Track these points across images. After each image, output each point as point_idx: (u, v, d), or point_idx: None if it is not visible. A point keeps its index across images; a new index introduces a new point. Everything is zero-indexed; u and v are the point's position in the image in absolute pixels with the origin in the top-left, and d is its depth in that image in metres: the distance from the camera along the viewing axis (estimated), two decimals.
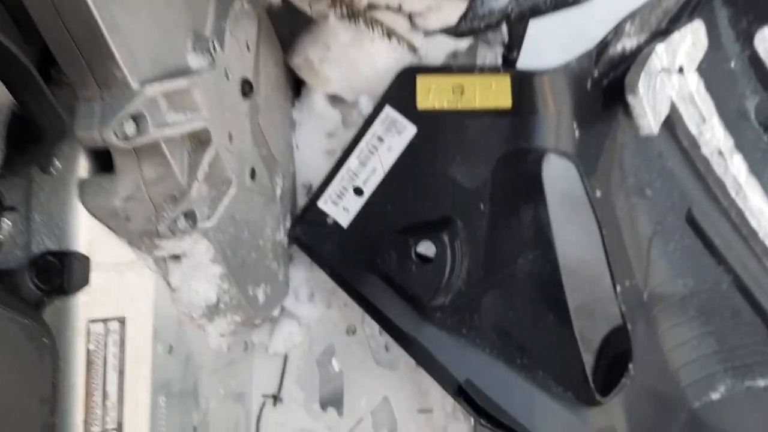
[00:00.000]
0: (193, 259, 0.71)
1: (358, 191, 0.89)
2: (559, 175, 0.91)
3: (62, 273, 0.61)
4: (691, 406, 0.98)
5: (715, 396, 0.99)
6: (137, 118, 0.57)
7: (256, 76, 0.78)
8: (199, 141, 0.65)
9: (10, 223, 0.62)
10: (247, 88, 0.73)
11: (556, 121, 0.86)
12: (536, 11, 0.73)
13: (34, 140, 0.53)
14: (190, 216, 0.67)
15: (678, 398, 0.98)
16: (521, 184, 0.85)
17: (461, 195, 0.86)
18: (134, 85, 0.56)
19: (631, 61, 0.92)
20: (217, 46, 0.66)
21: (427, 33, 0.80)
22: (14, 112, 0.53)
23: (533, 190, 0.84)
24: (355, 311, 0.92)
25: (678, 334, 0.99)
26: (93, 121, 0.56)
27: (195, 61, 0.64)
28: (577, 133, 0.87)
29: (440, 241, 0.83)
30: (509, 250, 0.85)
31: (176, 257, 0.71)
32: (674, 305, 0.99)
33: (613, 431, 0.86)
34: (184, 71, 0.62)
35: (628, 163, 0.96)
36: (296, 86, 0.95)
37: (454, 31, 0.76)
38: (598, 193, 0.91)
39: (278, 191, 0.88)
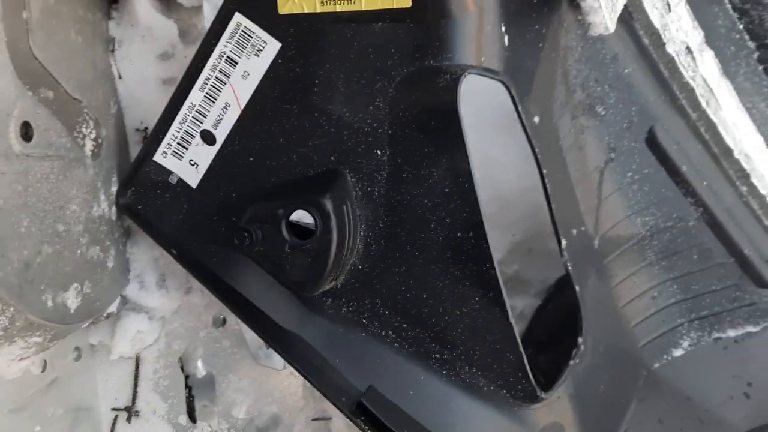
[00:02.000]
0: None
1: (208, 137, 0.64)
2: (479, 89, 0.67)
3: None
4: (649, 367, 0.82)
5: (677, 353, 0.82)
6: None
7: None
8: None
9: None
10: None
11: (477, 26, 0.60)
12: None
13: None
14: None
15: (634, 361, 0.81)
16: (431, 117, 0.60)
17: (349, 137, 0.61)
18: None
19: None
20: None
21: None
22: None
23: (448, 125, 0.59)
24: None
25: (634, 285, 0.80)
26: None
27: None
28: (506, 40, 0.62)
29: (321, 207, 0.59)
30: (419, 210, 0.61)
31: None
32: (630, 251, 0.80)
33: (559, 427, 0.68)
34: None
35: (573, 74, 0.72)
36: None
37: None
38: (536, 119, 0.68)
39: (88, 146, 0.61)
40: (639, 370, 0.81)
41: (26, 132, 0.52)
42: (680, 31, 0.78)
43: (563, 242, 0.70)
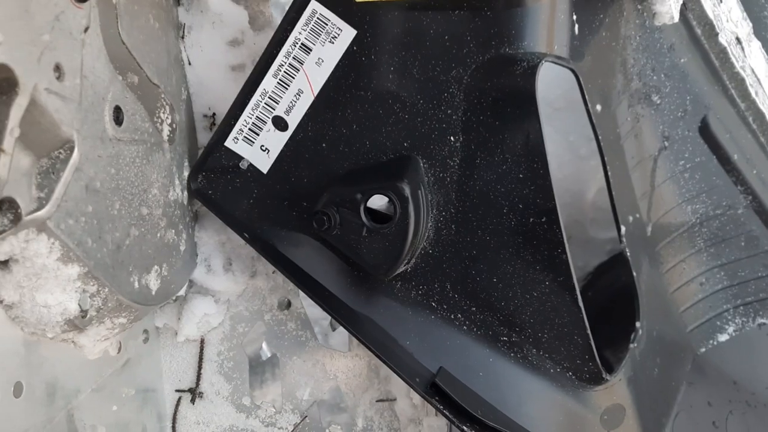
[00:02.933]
0: (30, 264, 0.46)
1: (280, 123, 0.64)
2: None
3: None
4: (696, 351, 0.83)
5: (722, 338, 0.84)
6: None
7: None
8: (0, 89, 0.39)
9: None
10: None
11: (550, 14, 0.61)
12: None
13: None
14: (7, 205, 0.41)
15: (683, 346, 0.82)
16: (507, 103, 0.61)
17: (422, 124, 0.62)
18: None
19: None
20: None
21: None
22: None
23: (524, 111, 0.60)
24: (288, 282, 0.70)
25: (683, 271, 0.82)
26: None
27: None
28: (576, 29, 0.64)
29: (399, 192, 0.60)
30: (492, 195, 0.62)
31: (2, 264, 0.46)
32: (681, 238, 0.81)
33: (620, 409, 0.70)
34: None
35: (632, 63, 0.74)
36: None
37: None
38: (598, 107, 0.69)
39: (165, 131, 0.62)
40: (687, 354, 0.82)
41: (117, 116, 0.53)
42: (730, 21, 0.80)
43: (622, 229, 0.71)
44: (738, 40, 0.81)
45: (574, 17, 0.62)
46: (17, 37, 0.39)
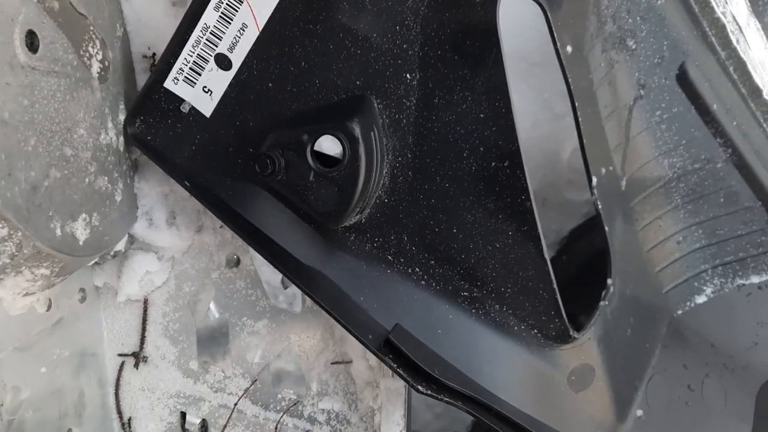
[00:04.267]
0: None
1: (223, 61, 0.59)
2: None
3: None
4: (673, 313, 0.79)
5: (700, 299, 0.80)
6: None
7: None
8: None
9: None
10: None
11: None
12: None
13: None
14: None
15: (658, 307, 0.78)
16: (466, 37, 0.56)
17: (376, 60, 0.57)
18: None
19: None
20: None
21: None
22: None
23: (485, 45, 0.55)
24: (237, 237, 0.65)
25: (660, 229, 0.78)
26: None
27: None
28: None
29: (349, 133, 0.55)
30: (451, 138, 0.58)
31: None
32: (657, 193, 0.77)
33: (589, 369, 0.66)
34: None
35: (605, 4, 0.69)
36: None
37: None
38: (569, 49, 0.64)
39: (95, 67, 0.57)
40: (663, 316, 0.78)
41: (32, 42, 0.48)
42: None
43: (594, 180, 0.67)
44: None
45: None
46: None
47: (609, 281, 0.68)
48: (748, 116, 0.78)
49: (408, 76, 0.57)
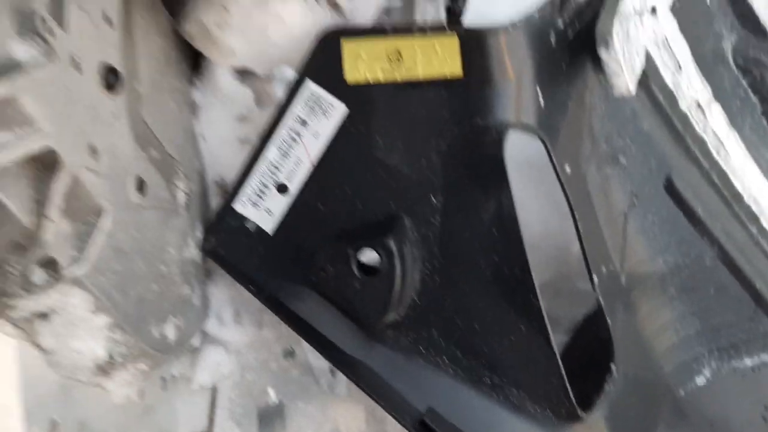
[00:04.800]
0: (66, 315, 0.54)
1: (282, 188, 0.73)
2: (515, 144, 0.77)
3: None
4: (676, 394, 0.88)
5: (700, 381, 0.89)
6: None
7: (128, 59, 0.59)
8: (43, 165, 0.47)
9: None
10: (112, 79, 0.55)
11: (518, 90, 0.70)
12: None
13: None
14: (49, 265, 0.49)
15: (662, 387, 0.88)
16: (479, 168, 0.69)
17: (408, 187, 0.70)
18: None
19: (599, 5, 0.76)
20: (54, 25, 0.47)
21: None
22: None
23: (494, 175, 0.69)
24: (292, 331, 0.77)
25: (659, 316, 0.88)
26: None
27: (21, 50, 0.45)
28: (541, 101, 0.72)
29: (386, 247, 0.67)
30: (470, 250, 0.70)
31: (42, 316, 0.54)
32: (654, 286, 0.87)
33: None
34: (6, 67, 0.44)
35: (598, 129, 0.82)
36: (194, 60, 0.76)
37: None
38: (568, 169, 0.77)
39: (181, 198, 0.70)
40: (666, 396, 0.87)
41: (141, 187, 0.62)
42: (690, 88, 0.88)
43: (595, 279, 0.78)
44: (698, 105, 0.89)
45: (538, 92, 0.71)
46: (62, 127, 0.47)
47: (612, 366, 0.78)
48: (732, 218, 0.89)
49: (434, 199, 0.70)
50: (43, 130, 0.45)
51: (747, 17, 0.93)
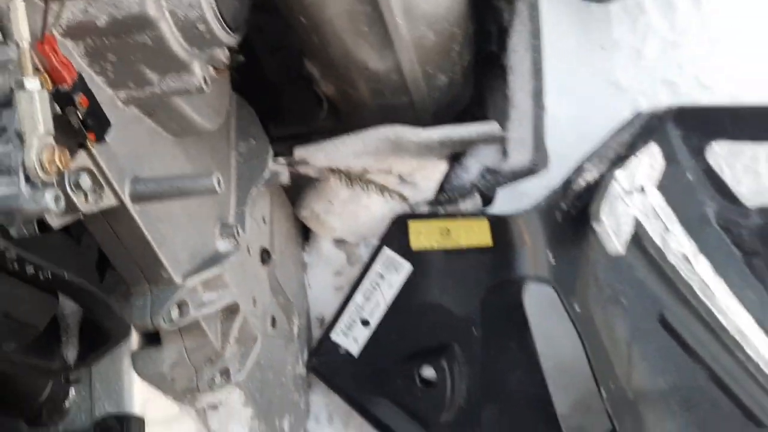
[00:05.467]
0: (228, 407, 0.83)
1: (365, 323, 1.02)
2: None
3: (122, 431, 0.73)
4: None
5: None
6: (180, 305, 0.70)
7: (272, 243, 0.92)
8: (230, 311, 0.78)
9: (74, 393, 0.75)
10: (265, 256, 0.87)
11: (533, 253, 0.99)
12: (502, 184, 0.86)
13: (104, 341, 0.66)
14: (225, 373, 0.79)
15: None
16: (507, 309, 0.97)
17: (455, 323, 0.98)
18: (178, 280, 0.69)
19: (595, 190, 1.05)
20: (239, 229, 0.80)
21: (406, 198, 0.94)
22: (85, 318, 0.66)
23: (517, 315, 0.96)
24: (371, 429, 1.03)
25: (664, 427, 1.09)
26: (145, 312, 0.69)
27: (223, 245, 0.78)
28: (552, 261, 1.00)
29: (440, 365, 0.95)
30: (501, 369, 0.96)
31: (214, 407, 0.83)
32: (657, 401, 1.09)
33: None
34: (215, 258, 0.76)
35: (601, 278, 1.08)
36: (305, 233, 1.09)
37: (436, 202, 0.90)
38: (578, 308, 1.03)
39: (295, 330, 1.00)
40: None
41: (273, 322, 0.92)
42: (678, 245, 1.14)
43: (603, 393, 1.01)
44: (686, 257, 1.15)
45: (549, 253, 0.99)
46: (241, 288, 0.79)
47: None
48: (719, 348, 1.11)
49: (474, 331, 0.97)
50: (232, 291, 0.76)
51: (722, 189, 1.20)
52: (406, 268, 1.00)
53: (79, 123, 0.53)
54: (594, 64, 1.29)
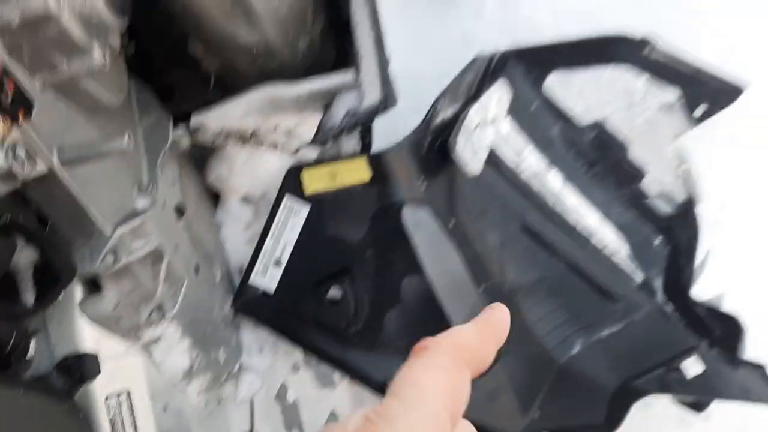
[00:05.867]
0: (167, 339, 0.99)
1: (277, 263, 1.19)
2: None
3: (80, 368, 0.88)
4: (559, 362, 1.31)
5: (575, 351, 1.32)
6: (114, 251, 0.86)
7: (184, 200, 1.08)
8: (156, 256, 0.94)
9: (34, 344, 0.89)
10: (180, 210, 1.03)
11: (407, 181, 1.19)
12: (362, 122, 1.05)
13: (55, 282, 0.80)
14: (160, 309, 0.95)
15: (548, 358, 1.30)
16: (391, 230, 1.17)
17: (352, 249, 1.17)
18: (107, 231, 0.85)
19: (453, 124, 1.27)
20: (153, 188, 0.96)
21: (296, 151, 1.11)
22: (35, 265, 0.81)
23: (399, 232, 1.16)
24: (296, 353, 1.21)
25: (537, 311, 1.32)
26: (85, 261, 0.85)
27: (141, 202, 0.94)
28: (424, 185, 1.21)
29: (343, 285, 1.14)
30: (394, 280, 1.16)
31: (156, 340, 0.98)
32: (529, 291, 1.32)
33: (504, 389, 1.18)
34: (136, 212, 0.92)
35: (469, 197, 1.30)
36: (215, 197, 1.25)
37: (315, 142, 1.08)
38: (452, 224, 1.24)
39: (218, 277, 1.17)
40: (551, 365, 1.30)
41: (197, 269, 1.08)
42: (530, 164, 1.37)
43: (481, 288, 1.23)
44: (536, 174, 1.38)
45: (421, 179, 1.20)
46: (162, 236, 0.95)
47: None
48: (572, 242, 1.35)
49: (367, 252, 1.17)
50: (155, 238, 0.92)
51: (561, 113, 1.44)
52: (304, 210, 1.18)
53: (8, 104, 0.68)
54: (444, 23, 1.50)
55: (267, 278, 1.19)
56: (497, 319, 0.47)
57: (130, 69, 0.94)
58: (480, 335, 0.45)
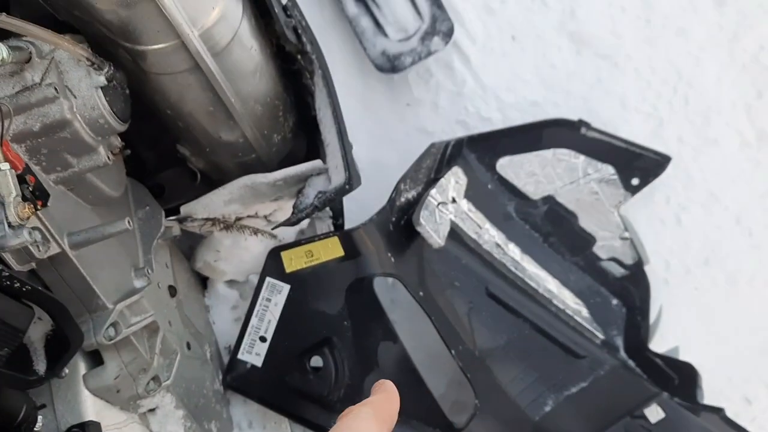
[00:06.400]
0: (163, 409, 1.07)
1: (263, 339, 1.29)
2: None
3: None
4: (533, 420, 1.39)
5: (547, 408, 1.40)
6: (114, 325, 0.97)
7: (176, 282, 1.19)
8: (152, 330, 1.04)
9: (41, 417, 0.98)
10: (172, 291, 1.14)
11: (376, 255, 1.32)
12: (331, 201, 1.19)
13: (65, 350, 0.90)
14: (156, 379, 1.04)
15: (523, 417, 1.38)
16: (365, 301, 1.28)
17: (331, 320, 1.28)
18: (110, 306, 0.96)
19: (416, 205, 1.41)
20: (149, 270, 1.08)
21: (276, 226, 1.25)
22: (46, 336, 0.91)
23: (373, 302, 1.27)
24: (284, 424, 1.29)
25: (508, 372, 1.42)
26: (90, 333, 0.95)
27: (139, 282, 1.05)
28: (393, 259, 1.34)
29: (324, 354, 1.23)
30: (371, 346, 1.26)
31: (152, 410, 1.07)
32: (499, 354, 1.42)
33: None
34: (134, 290, 1.03)
35: (436, 269, 1.43)
36: (203, 282, 1.37)
37: (290, 223, 1.21)
38: (421, 293, 1.36)
39: (208, 354, 1.26)
40: (526, 423, 1.38)
41: (189, 346, 1.18)
42: (490, 237, 1.52)
43: (453, 353, 1.33)
44: (498, 245, 1.52)
45: (390, 255, 1.33)
46: (157, 311, 1.06)
47: (475, 400, 1.29)
48: (534, 305, 1.47)
49: (346, 323, 1.27)
50: (150, 312, 1.03)
51: (515, 191, 1.60)
52: (285, 288, 1.30)
53: (30, 194, 0.82)
54: (405, 118, 1.68)
55: (254, 353, 1.29)
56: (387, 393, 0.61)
57: (127, 170, 1.09)
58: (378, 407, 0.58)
